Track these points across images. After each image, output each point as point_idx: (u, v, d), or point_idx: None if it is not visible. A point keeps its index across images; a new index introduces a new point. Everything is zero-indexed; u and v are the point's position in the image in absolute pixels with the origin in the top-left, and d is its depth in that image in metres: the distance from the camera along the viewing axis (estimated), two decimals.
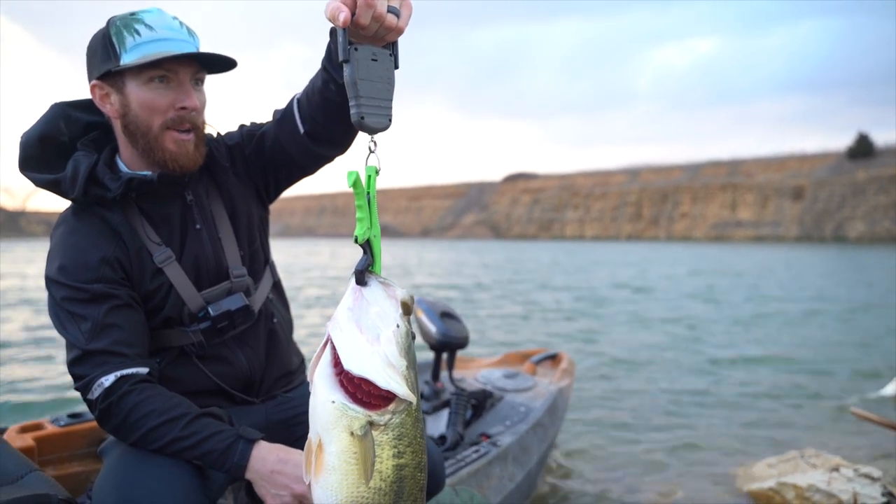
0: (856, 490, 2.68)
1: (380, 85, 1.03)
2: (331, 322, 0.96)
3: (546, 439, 2.83)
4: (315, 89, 1.33)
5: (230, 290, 1.52)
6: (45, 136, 1.42)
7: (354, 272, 0.98)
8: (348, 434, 0.91)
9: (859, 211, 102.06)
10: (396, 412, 0.93)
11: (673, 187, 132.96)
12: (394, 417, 0.93)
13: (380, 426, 0.92)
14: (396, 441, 0.93)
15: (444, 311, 2.95)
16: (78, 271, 1.35)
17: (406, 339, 0.96)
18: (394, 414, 0.93)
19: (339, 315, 0.96)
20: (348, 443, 0.91)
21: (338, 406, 0.91)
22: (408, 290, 0.99)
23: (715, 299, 13.38)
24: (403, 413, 0.94)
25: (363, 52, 1.02)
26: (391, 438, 0.93)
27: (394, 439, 0.93)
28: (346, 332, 0.93)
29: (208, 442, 1.28)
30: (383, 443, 0.93)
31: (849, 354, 7.03)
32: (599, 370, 6.14)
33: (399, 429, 0.93)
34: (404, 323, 0.96)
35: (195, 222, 1.50)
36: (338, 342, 0.93)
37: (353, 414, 0.91)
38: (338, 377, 0.93)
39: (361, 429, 0.91)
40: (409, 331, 0.97)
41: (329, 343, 0.95)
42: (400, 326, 0.95)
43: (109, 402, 1.30)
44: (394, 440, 0.93)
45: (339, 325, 0.94)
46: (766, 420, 4.48)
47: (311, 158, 1.49)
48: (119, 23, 1.34)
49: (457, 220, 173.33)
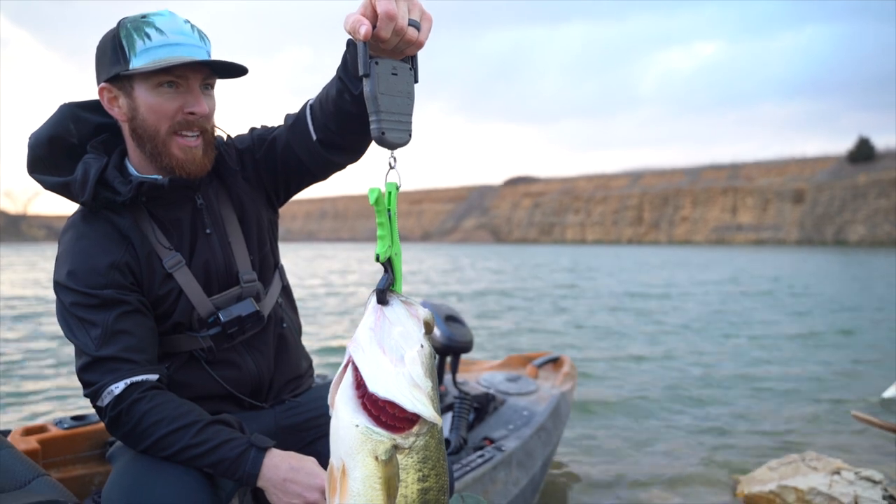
0: (857, 493, 2.69)
1: (400, 100, 1.02)
2: (351, 343, 0.93)
3: (549, 443, 2.83)
4: (329, 98, 1.31)
5: (240, 296, 1.50)
6: (55, 138, 1.41)
7: (376, 291, 0.96)
8: (373, 459, 0.88)
9: (860, 215, 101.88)
10: (420, 434, 0.90)
11: (674, 191, 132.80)
12: (418, 440, 0.90)
13: (404, 449, 0.90)
14: (421, 465, 0.91)
15: (449, 315, 2.95)
16: (87, 276, 1.34)
17: (430, 359, 0.94)
18: (418, 437, 0.90)
19: (361, 335, 0.93)
20: (373, 468, 0.88)
21: (362, 430, 0.88)
22: (429, 310, 0.97)
23: (719, 303, 13.37)
24: (427, 435, 0.91)
25: (384, 66, 1.00)
26: (416, 462, 0.90)
27: (418, 462, 0.90)
28: (368, 353, 0.91)
29: (220, 450, 1.27)
30: (408, 466, 0.90)
31: (850, 357, 7.02)
32: (602, 372, 6.14)
33: (423, 452, 0.91)
34: (427, 343, 0.95)
35: (205, 227, 1.48)
36: (361, 364, 0.90)
37: (378, 438, 0.88)
38: (360, 399, 0.90)
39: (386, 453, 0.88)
40: (432, 351, 0.95)
41: (350, 364, 0.92)
42: (424, 346, 0.93)
43: (120, 410, 1.29)
44: (418, 463, 0.90)
45: (362, 346, 0.91)
46: (767, 423, 4.48)
47: (322, 165, 1.48)
48: (129, 25, 1.32)
49: (457, 224, 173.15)
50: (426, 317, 0.96)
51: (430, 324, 0.96)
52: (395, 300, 0.97)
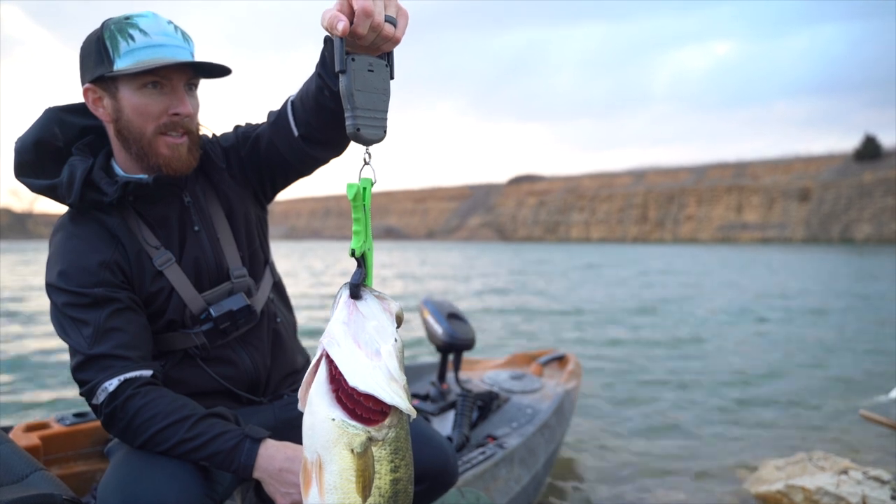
0: (865, 493, 2.66)
1: (375, 96, 1.02)
2: (325, 337, 0.93)
3: (553, 441, 2.82)
4: (309, 94, 1.32)
5: (231, 291, 1.51)
6: (40, 142, 1.42)
7: (349, 285, 0.96)
8: (349, 452, 0.89)
9: (866, 213, 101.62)
10: (392, 427, 0.92)
11: (679, 189, 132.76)
12: (390, 432, 0.92)
13: (378, 441, 0.91)
14: (393, 455, 0.92)
15: (451, 313, 2.94)
16: (78, 276, 1.35)
17: (402, 353, 0.95)
18: (390, 428, 0.92)
19: (335, 330, 0.93)
20: (349, 461, 0.89)
21: (338, 424, 0.89)
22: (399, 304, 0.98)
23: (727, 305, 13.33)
24: (398, 427, 0.93)
25: (360, 62, 1.00)
26: (388, 454, 0.92)
27: (391, 454, 0.92)
28: (344, 347, 0.91)
29: (214, 443, 1.28)
30: (382, 458, 0.92)
31: (858, 356, 6.99)
32: (604, 371, 6.12)
33: (395, 443, 0.93)
34: (400, 337, 0.96)
35: (193, 224, 1.50)
36: (337, 358, 0.90)
37: (354, 431, 0.89)
38: (335, 393, 0.91)
39: (361, 445, 0.89)
40: (403, 345, 0.97)
41: (324, 359, 0.92)
42: (398, 340, 0.95)
43: (114, 407, 1.30)
44: (391, 455, 0.92)
45: (336, 341, 0.92)
46: (774, 422, 4.45)
47: (305, 161, 1.48)
48: (113, 27, 1.32)
49: (462, 222, 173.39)
50: (398, 311, 0.97)
51: (401, 318, 0.97)
52: (368, 294, 0.97)
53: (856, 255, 43.02)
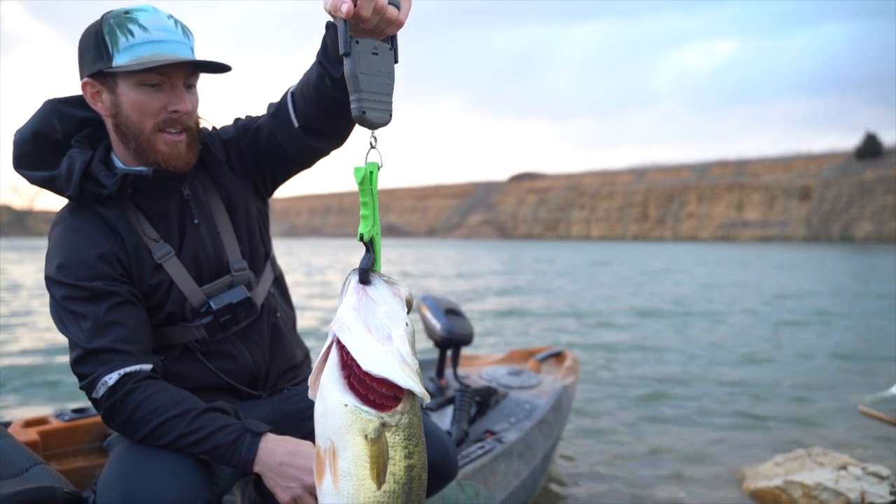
0: (864, 489, 2.67)
1: (380, 79, 1.02)
2: (335, 323, 0.92)
3: (551, 436, 2.82)
4: (310, 83, 1.31)
5: (231, 284, 1.51)
6: (39, 134, 1.41)
7: (358, 270, 0.95)
8: (363, 438, 0.88)
9: (867, 211, 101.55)
10: (405, 412, 0.91)
11: (679, 187, 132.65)
12: (403, 417, 0.91)
13: (391, 427, 0.90)
14: (407, 441, 0.92)
15: (449, 308, 2.94)
16: (77, 269, 1.34)
17: (414, 337, 0.95)
18: (403, 414, 0.91)
19: (345, 315, 0.92)
20: (363, 447, 0.88)
21: (351, 409, 0.89)
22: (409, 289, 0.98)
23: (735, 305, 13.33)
24: (411, 413, 0.92)
25: (364, 45, 1.00)
26: (402, 439, 0.91)
27: (404, 440, 0.91)
28: (355, 332, 0.90)
29: (215, 437, 1.27)
30: (395, 444, 0.91)
31: (857, 352, 6.99)
32: (604, 368, 6.13)
33: (409, 429, 0.92)
34: (411, 322, 0.95)
35: (193, 217, 1.49)
36: (349, 343, 0.90)
37: (367, 417, 0.88)
38: (347, 379, 0.90)
39: (375, 431, 0.89)
40: (414, 329, 0.96)
41: (335, 345, 0.92)
42: (409, 325, 0.94)
43: (114, 401, 1.29)
44: (404, 440, 0.92)
45: (347, 326, 0.91)
46: (773, 418, 4.45)
47: (306, 152, 1.48)
48: (112, 21, 1.31)
49: (462, 219, 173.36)
50: (408, 296, 0.97)
51: (411, 302, 0.97)
52: (377, 280, 0.96)
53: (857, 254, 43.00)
